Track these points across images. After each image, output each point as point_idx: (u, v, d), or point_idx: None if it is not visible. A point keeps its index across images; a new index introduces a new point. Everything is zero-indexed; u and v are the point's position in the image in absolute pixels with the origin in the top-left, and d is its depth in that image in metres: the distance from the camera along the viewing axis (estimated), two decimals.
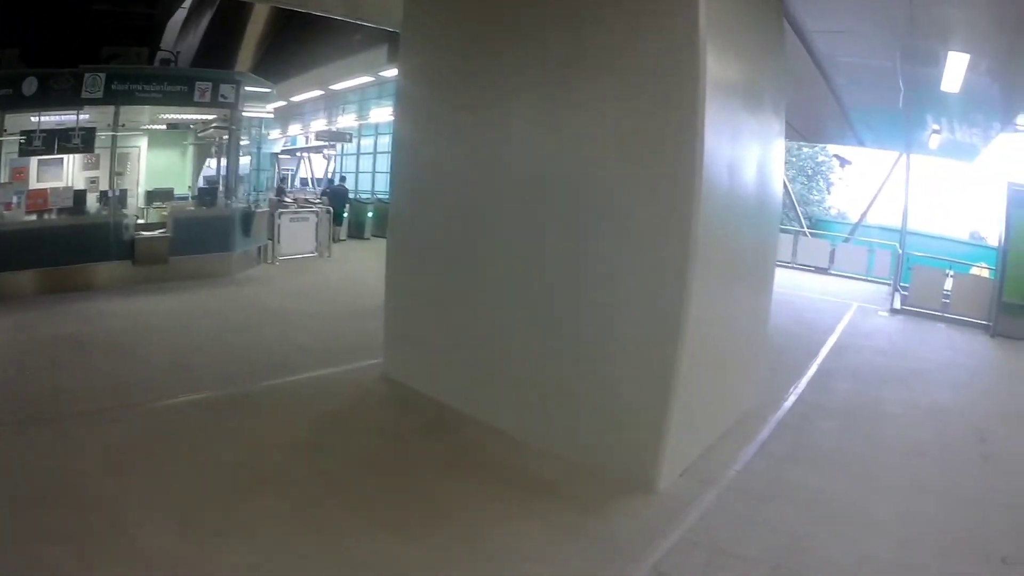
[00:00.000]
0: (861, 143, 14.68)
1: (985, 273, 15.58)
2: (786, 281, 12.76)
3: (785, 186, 18.61)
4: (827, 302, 11.41)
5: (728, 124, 3.55)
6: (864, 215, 18.22)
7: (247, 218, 9.58)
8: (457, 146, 4.45)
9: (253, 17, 13.85)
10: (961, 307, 11.09)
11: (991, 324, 10.34)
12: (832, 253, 15.22)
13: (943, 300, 11.29)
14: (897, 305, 11.59)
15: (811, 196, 25.14)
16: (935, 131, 10.68)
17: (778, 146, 4.68)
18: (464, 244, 4.45)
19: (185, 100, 8.81)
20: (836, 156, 20.92)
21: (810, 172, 25.58)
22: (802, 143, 23.23)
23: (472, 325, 4.41)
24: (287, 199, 13.11)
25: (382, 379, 5.13)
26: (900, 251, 13.71)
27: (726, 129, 3.51)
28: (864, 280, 14.54)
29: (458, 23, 4.43)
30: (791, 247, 15.30)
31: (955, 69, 6.29)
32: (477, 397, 4.35)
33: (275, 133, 20.82)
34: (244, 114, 9.57)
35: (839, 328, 9.09)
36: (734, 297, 4.05)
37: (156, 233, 8.52)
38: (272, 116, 12.63)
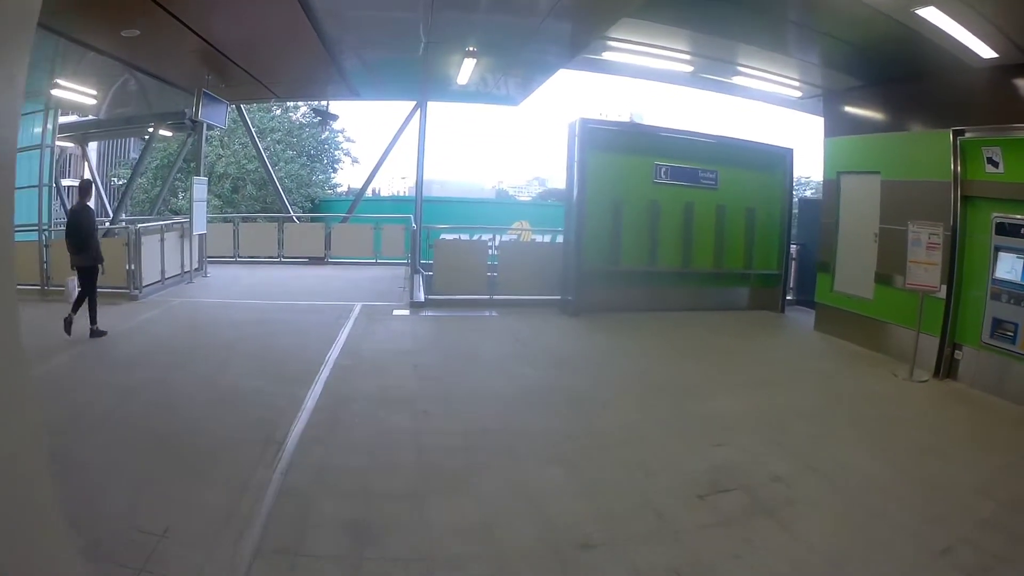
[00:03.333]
0: (356, 95, 11.75)
1: (527, 231, 14.12)
2: (266, 285, 9.63)
3: (267, 168, 15.65)
4: (320, 309, 7.93)
5: None
6: (366, 186, 15.33)
7: None
8: None
9: None
10: (518, 283, 8.32)
11: (568, 299, 7.85)
12: (328, 238, 12.45)
13: (489, 275, 8.55)
14: (421, 297, 8.39)
15: (314, 177, 23.18)
16: (470, 53, 7.65)
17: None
18: None
19: None
20: (315, 111, 16.28)
21: (312, 151, 23.41)
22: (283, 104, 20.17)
23: None
24: None
25: None
26: (415, 225, 10.79)
27: None
28: (374, 264, 11.98)
29: None
30: (275, 238, 12.47)
31: None
32: None
33: None
34: None
35: (331, 359, 5.71)
36: None
37: None
38: None
